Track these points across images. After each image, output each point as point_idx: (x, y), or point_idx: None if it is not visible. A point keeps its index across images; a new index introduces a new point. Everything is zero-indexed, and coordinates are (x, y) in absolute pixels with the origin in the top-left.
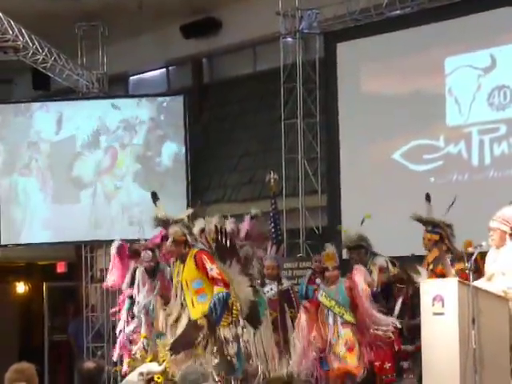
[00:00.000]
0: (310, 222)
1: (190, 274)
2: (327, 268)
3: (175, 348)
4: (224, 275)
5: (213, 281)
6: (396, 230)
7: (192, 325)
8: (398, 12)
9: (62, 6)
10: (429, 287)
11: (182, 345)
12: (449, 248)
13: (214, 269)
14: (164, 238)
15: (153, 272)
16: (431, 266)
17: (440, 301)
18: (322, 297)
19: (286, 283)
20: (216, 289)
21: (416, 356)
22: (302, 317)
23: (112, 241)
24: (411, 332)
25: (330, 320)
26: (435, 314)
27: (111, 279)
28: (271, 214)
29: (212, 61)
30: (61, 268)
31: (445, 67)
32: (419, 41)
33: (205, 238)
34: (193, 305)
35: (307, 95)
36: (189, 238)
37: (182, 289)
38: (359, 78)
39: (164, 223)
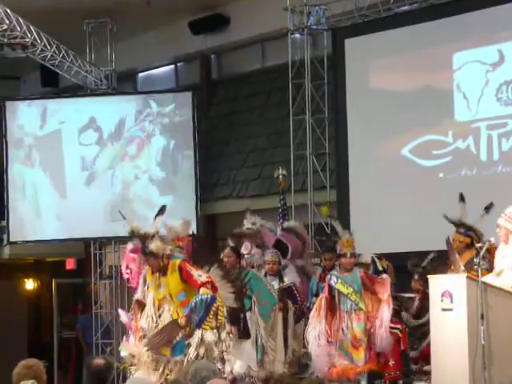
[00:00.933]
0: (319, 217)
1: (175, 287)
2: (345, 254)
3: (152, 344)
4: (211, 278)
5: (202, 285)
6: (405, 225)
7: (172, 323)
8: (406, 8)
9: (70, 2)
10: (437, 283)
11: (159, 342)
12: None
13: (202, 275)
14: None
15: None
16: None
17: (449, 296)
18: (339, 284)
19: (289, 279)
20: (201, 290)
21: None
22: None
23: (120, 237)
24: (416, 332)
25: (347, 307)
26: (444, 309)
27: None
28: (280, 210)
29: (220, 57)
30: (70, 265)
31: (453, 63)
32: (427, 36)
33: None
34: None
35: (315, 91)
36: (168, 250)
37: (169, 301)
38: (367, 74)
39: (140, 237)
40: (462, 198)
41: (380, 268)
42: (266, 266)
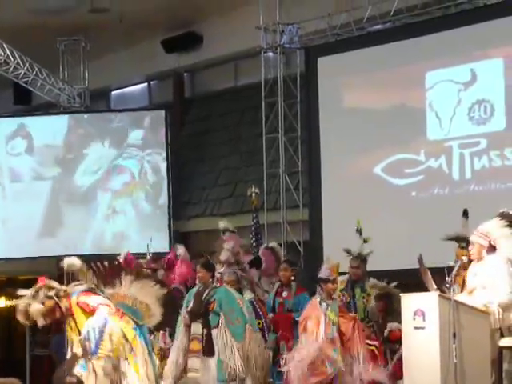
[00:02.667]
0: (292, 236)
1: (81, 323)
2: (334, 280)
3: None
4: (108, 303)
5: (96, 308)
6: (377, 243)
7: (71, 357)
8: (378, 26)
9: (43, 20)
10: (409, 301)
11: (59, 378)
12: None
13: (98, 300)
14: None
15: None
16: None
17: (421, 315)
18: (329, 312)
19: (248, 295)
20: (95, 315)
21: None
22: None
23: (92, 255)
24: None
25: (332, 334)
26: (416, 328)
27: None
28: (252, 228)
29: (193, 75)
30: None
31: (425, 81)
32: (400, 55)
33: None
34: None
35: (288, 110)
36: (58, 300)
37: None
38: (340, 93)
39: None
40: (465, 214)
41: None
42: (225, 285)
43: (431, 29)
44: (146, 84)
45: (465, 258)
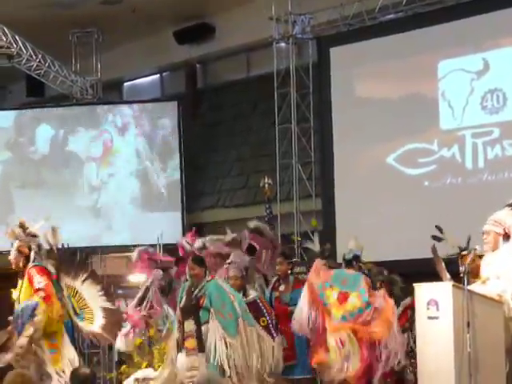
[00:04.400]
0: (305, 226)
1: (25, 294)
2: None
3: None
4: (51, 288)
5: (35, 291)
6: (390, 233)
7: (3, 332)
8: (391, 16)
9: (56, 12)
10: (423, 291)
11: None
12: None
13: (42, 281)
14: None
15: (164, 291)
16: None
17: (435, 305)
18: None
19: (252, 294)
20: (33, 297)
21: None
22: None
23: (105, 247)
24: None
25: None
26: (430, 317)
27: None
28: (265, 219)
29: (206, 66)
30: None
31: (438, 71)
32: (412, 45)
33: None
34: None
35: (301, 100)
36: (32, 253)
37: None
38: (352, 83)
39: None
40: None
41: None
42: (229, 281)
43: (443, 18)
44: (158, 75)
45: (478, 247)
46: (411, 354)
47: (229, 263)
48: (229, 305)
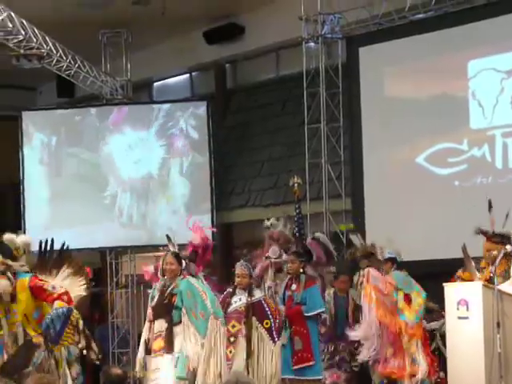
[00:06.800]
0: (334, 226)
1: (28, 307)
2: None
3: (6, 371)
4: (66, 289)
5: (58, 298)
6: (420, 233)
7: (25, 344)
8: (420, 15)
9: (85, 13)
10: (453, 291)
11: (15, 367)
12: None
13: (56, 287)
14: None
15: None
16: (500, 279)
17: (464, 305)
18: None
19: (258, 294)
20: (56, 303)
21: None
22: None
23: (135, 247)
24: None
25: None
26: (460, 318)
27: None
28: (295, 219)
29: (235, 66)
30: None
31: (468, 70)
32: (442, 44)
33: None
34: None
35: (330, 100)
36: (9, 273)
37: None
38: (382, 82)
39: None
40: (490, 206)
41: None
42: (236, 278)
43: (473, 17)
44: (187, 75)
45: (509, 247)
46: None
47: (266, 257)
48: (200, 304)
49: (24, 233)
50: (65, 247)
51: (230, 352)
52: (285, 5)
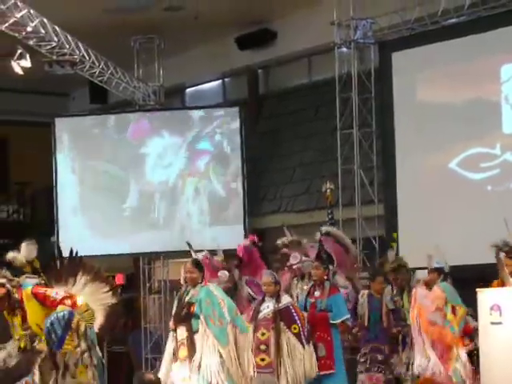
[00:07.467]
0: (367, 231)
1: (38, 316)
2: None
3: (6, 378)
4: (70, 293)
5: (60, 302)
6: (453, 238)
7: (28, 351)
8: (453, 20)
9: (118, 19)
10: (486, 296)
11: (16, 373)
12: None
13: (58, 291)
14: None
15: (230, 292)
16: None
17: (498, 310)
18: None
19: (286, 300)
20: (58, 308)
21: None
22: None
23: (168, 252)
24: None
25: None
26: (493, 323)
27: None
28: (328, 225)
29: (267, 72)
30: (119, 280)
31: (501, 75)
32: (474, 49)
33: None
34: None
35: (363, 105)
36: (9, 286)
37: (33, 337)
38: (415, 87)
39: None
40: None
41: None
42: (263, 287)
43: (506, 22)
44: (220, 81)
45: None
46: None
47: (288, 266)
48: (219, 311)
49: (57, 239)
50: (74, 254)
51: (262, 360)
52: (317, 10)
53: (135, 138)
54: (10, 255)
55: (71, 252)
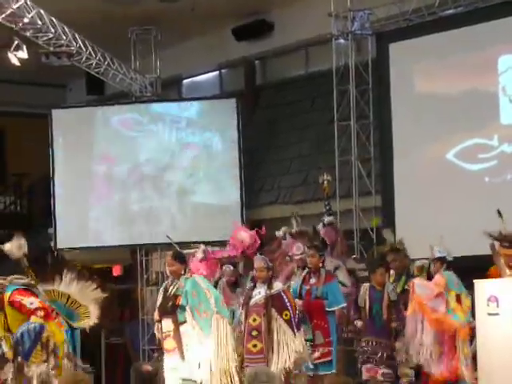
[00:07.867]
0: (364, 223)
1: (16, 322)
2: None
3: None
4: (46, 305)
5: (32, 313)
6: (451, 229)
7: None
8: (450, 11)
9: (114, 10)
10: (483, 287)
11: None
12: None
13: (34, 302)
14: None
15: (234, 285)
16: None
17: (495, 301)
18: None
19: (277, 286)
20: (31, 318)
21: None
22: None
23: (165, 244)
24: None
25: None
26: (490, 314)
27: None
28: (327, 215)
29: (264, 63)
30: (116, 271)
31: (498, 66)
32: (472, 40)
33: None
34: None
35: (360, 96)
36: None
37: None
38: (412, 79)
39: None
40: (500, 215)
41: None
42: (255, 272)
43: (503, 13)
44: (217, 72)
45: None
46: None
47: (290, 257)
48: (205, 302)
49: (54, 231)
50: (54, 250)
51: (254, 346)
52: (314, 1)
53: (132, 129)
54: (8, 247)
55: (53, 251)
